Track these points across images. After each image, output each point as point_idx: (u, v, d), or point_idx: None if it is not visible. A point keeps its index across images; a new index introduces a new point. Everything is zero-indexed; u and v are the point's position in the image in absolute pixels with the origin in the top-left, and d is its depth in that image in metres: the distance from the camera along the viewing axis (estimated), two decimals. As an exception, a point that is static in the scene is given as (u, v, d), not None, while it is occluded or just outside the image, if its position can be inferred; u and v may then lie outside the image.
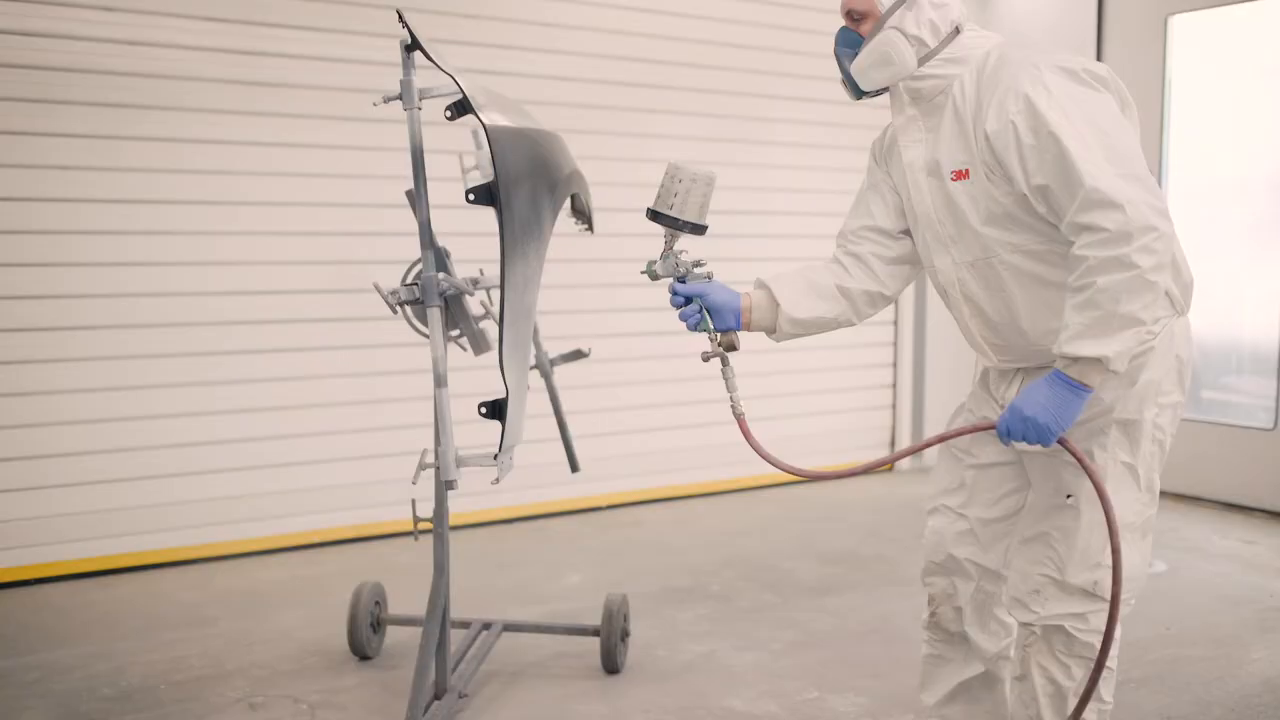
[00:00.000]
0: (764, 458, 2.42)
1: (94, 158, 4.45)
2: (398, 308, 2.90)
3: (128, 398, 4.58)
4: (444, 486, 2.79)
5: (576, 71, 5.43)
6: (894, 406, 6.63)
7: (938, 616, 2.75)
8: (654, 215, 2.40)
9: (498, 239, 2.55)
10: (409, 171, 2.69)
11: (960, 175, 2.36)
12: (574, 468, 3.64)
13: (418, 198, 2.80)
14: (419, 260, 3.36)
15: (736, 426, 2.45)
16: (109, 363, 4.54)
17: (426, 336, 3.00)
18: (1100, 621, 2.40)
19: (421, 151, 2.80)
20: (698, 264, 2.49)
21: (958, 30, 2.39)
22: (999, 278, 2.38)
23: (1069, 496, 2.43)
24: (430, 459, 2.82)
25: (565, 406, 3.73)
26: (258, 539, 4.88)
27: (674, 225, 2.39)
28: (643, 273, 2.49)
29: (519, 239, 2.61)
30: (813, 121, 6.11)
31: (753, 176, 5.92)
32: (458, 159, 3.62)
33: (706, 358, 2.49)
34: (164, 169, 4.58)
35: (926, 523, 2.76)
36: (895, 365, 6.61)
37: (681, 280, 2.47)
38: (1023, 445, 2.35)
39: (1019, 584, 2.51)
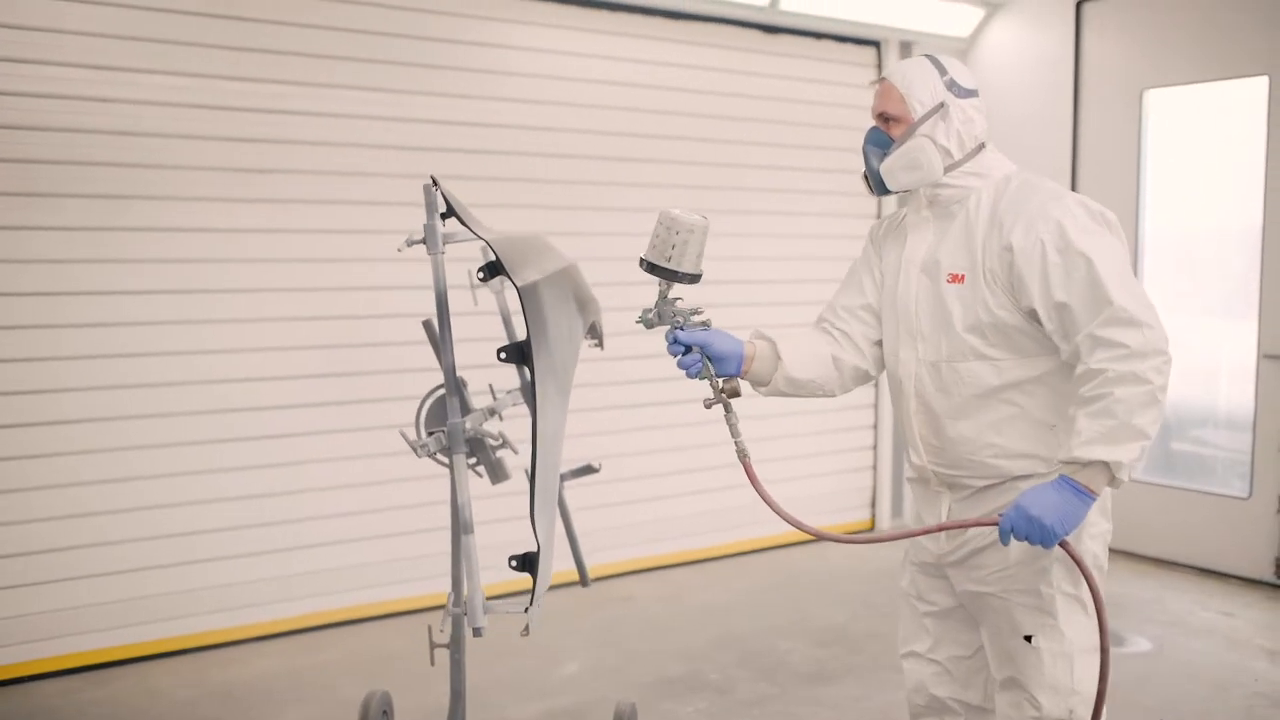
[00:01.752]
0: (769, 503, 2.51)
1: (82, 250, 4.40)
2: (425, 457, 2.90)
3: (116, 490, 4.53)
4: (473, 633, 2.80)
5: (553, 148, 5.44)
6: (874, 468, 6.71)
7: None
8: (650, 267, 2.39)
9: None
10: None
11: (956, 279, 2.49)
12: (584, 583, 3.66)
13: (442, 343, 2.80)
14: (435, 390, 3.38)
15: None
16: (97, 456, 4.49)
17: (443, 463, 3.02)
18: None
19: (446, 296, 2.81)
20: (695, 312, 2.48)
21: (981, 146, 2.53)
22: (959, 382, 2.51)
23: (1028, 637, 2.52)
24: (455, 605, 2.83)
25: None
26: (250, 625, 4.85)
27: (670, 276, 2.37)
28: (638, 322, 2.45)
29: (549, 393, 2.63)
30: (789, 189, 6.17)
31: (729, 246, 5.94)
32: (467, 274, 3.62)
33: (709, 405, 2.51)
34: (153, 259, 4.54)
35: (902, 665, 2.84)
36: (876, 427, 6.69)
37: (680, 328, 2.46)
38: (1021, 545, 2.45)
39: None
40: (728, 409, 2.52)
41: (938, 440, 2.57)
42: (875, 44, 6.47)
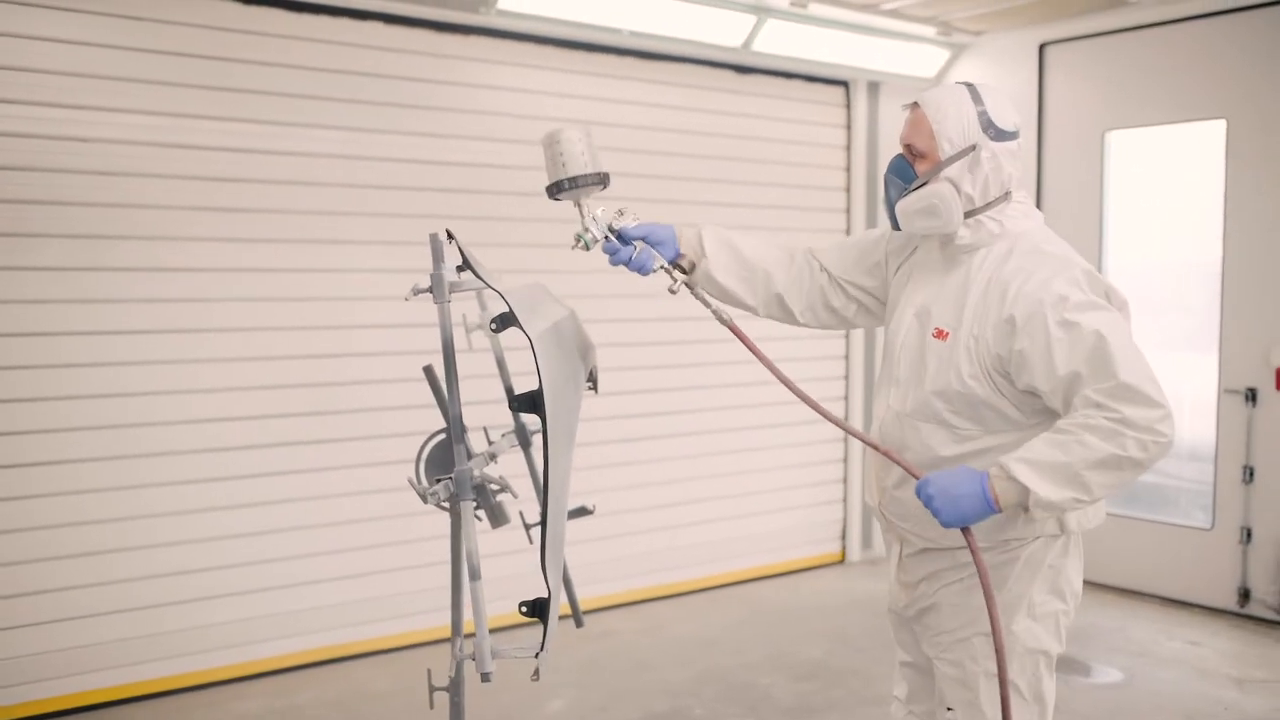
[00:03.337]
0: (761, 359, 2.52)
1: (71, 290, 4.39)
2: (435, 505, 2.91)
3: (95, 532, 4.49)
4: (481, 678, 2.81)
5: (532, 187, 5.42)
6: (845, 501, 6.78)
7: None
8: (556, 188, 2.48)
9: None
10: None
11: (940, 334, 2.39)
12: (578, 623, 3.69)
13: (449, 390, 2.83)
14: (435, 435, 3.40)
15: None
16: (77, 498, 4.45)
17: (445, 509, 3.04)
18: None
19: (453, 345, 2.83)
20: (620, 213, 2.55)
21: (1007, 195, 2.38)
22: (918, 442, 2.43)
23: (950, 709, 2.49)
24: (461, 649, 2.85)
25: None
26: (231, 666, 4.81)
27: (578, 186, 2.47)
28: (575, 247, 2.56)
29: (558, 441, 2.67)
30: (761, 227, 6.24)
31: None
32: (462, 317, 3.65)
33: (674, 290, 2.58)
34: (141, 299, 4.53)
35: (889, 709, 2.84)
36: (846, 461, 6.77)
37: (616, 234, 2.54)
38: (953, 612, 2.47)
39: None
40: (691, 285, 2.60)
41: (889, 483, 2.53)
42: (844, 84, 6.60)
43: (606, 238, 2.53)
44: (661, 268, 2.56)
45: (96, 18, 4.38)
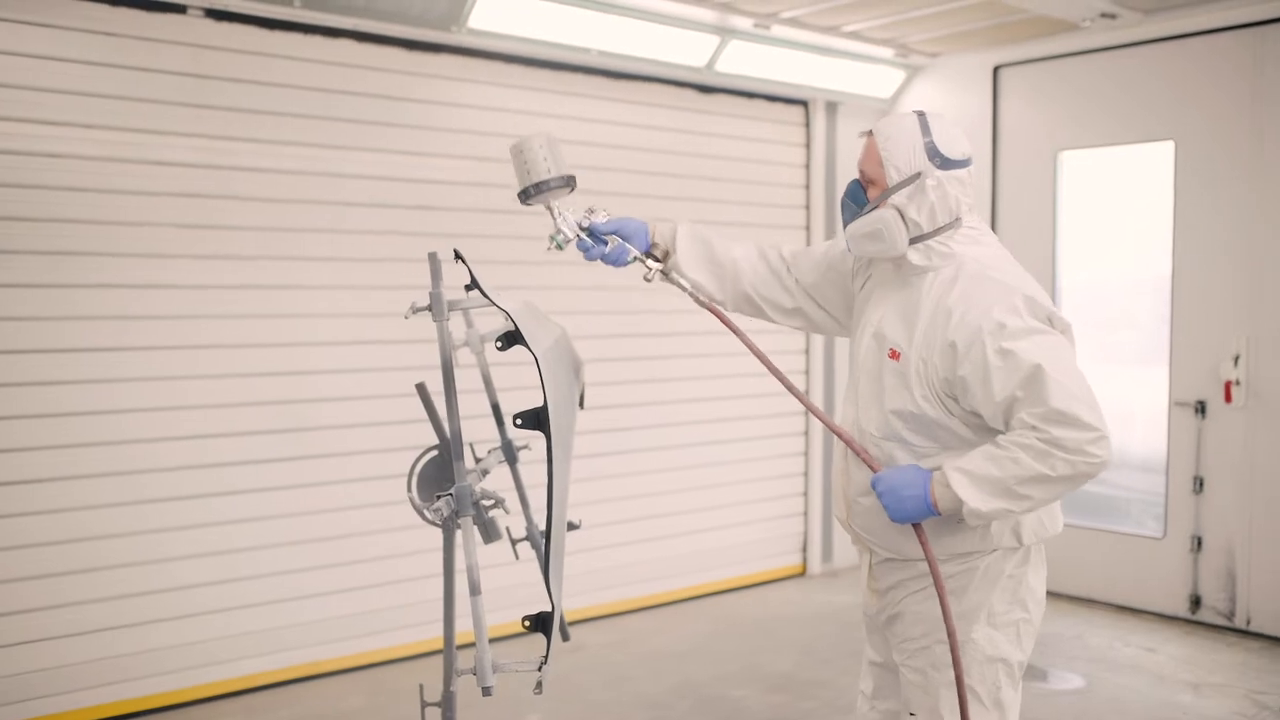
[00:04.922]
0: (743, 339, 2.62)
1: (46, 307, 4.35)
2: (433, 521, 2.94)
3: (68, 551, 4.44)
4: (483, 692, 2.85)
5: (501, 204, 5.48)
6: (805, 514, 6.88)
7: None
8: (526, 194, 2.61)
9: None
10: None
11: (894, 355, 2.48)
12: (565, 637, 3.72)
13: (449, 408, 2.86)
14: (426, 452, 3.43)
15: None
16: (52, 516, 4.41)
17: (436, 525, 3.06)
18: None
19: (451, 364, 2.87)
20: (590, 211, 2.70)
21: (956, 220, 2.45)
22: (884, 458, 2.52)
23: (912, 715, 2.58)
24: (461, 664, 2.88)
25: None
26: (203, 685, 4.77)
27: (547, 189, 2.61)
28: (549, 248, 2.71)
29: (559, 457, 2.71)
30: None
31: (668, 300, 6.08)
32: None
33: (649, 279, 2.75)
34: (116, 316, 4.50)
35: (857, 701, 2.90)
36: (806, 475, 6.86)
37: (588, 232, 2.68)
38: (918, 618, 2.55)
39: None
40: (666, 272, 2.74)
41: (856, 495, 2.61)
42: (803, 103, 6.72)
43: (579, 236, 2.68)
44: (635, 259, 2.70)
45: (70, 33, 4.35)
